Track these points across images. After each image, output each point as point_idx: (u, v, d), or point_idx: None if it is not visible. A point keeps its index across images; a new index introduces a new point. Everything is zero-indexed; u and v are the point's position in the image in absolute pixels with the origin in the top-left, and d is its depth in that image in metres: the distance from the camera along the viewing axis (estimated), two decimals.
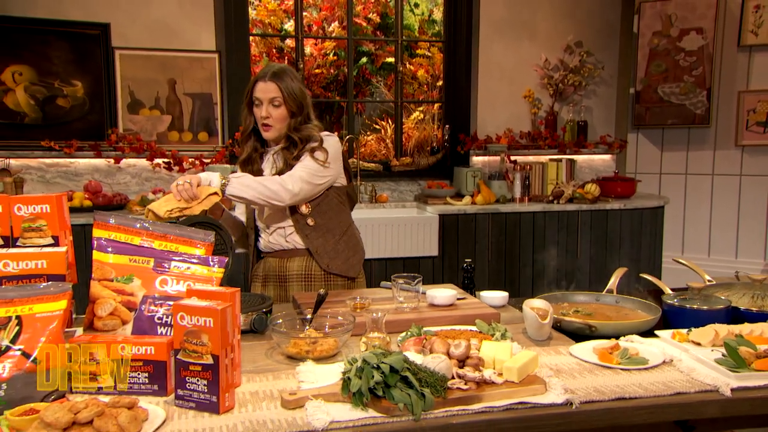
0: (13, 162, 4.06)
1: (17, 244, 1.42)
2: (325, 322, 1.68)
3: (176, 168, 4.28)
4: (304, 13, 5.07)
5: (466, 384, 1.32)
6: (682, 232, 5.21)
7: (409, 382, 1.26)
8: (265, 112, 2.15)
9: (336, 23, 5.69)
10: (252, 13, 5.08)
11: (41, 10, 4.06)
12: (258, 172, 2.23)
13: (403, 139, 5.09)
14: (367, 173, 4.69)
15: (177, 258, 1.43)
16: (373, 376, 1.25)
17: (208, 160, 4.31)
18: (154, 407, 1.22)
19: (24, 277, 1.33)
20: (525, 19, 4.91)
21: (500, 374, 1.36)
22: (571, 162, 4.87)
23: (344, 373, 1.30)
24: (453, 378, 1.34)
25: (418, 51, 5.90)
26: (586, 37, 4.99)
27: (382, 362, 1.27)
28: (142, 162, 4.28)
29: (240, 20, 4.40)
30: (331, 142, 2.20)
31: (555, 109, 4.97)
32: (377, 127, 5.68)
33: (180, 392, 1.25)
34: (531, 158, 4.88)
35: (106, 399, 1.18)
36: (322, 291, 1.79)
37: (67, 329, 1.40)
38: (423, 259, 4.19)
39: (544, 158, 4.89)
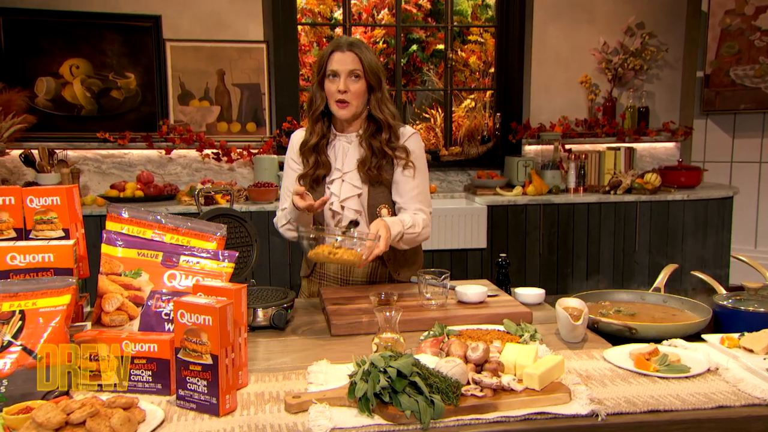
0: (70, 153, 4.18)
1: (30, 236, 1.42)
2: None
3: (225, 159, 4.31)
4: (354, 1, 5.00)
5: (481, 391, 1.23)
6: (756, 224, 4.88)
7: (419, 388, 1.18)
8: (342, 86, 1.95)
9: (386, 10, 5.60)
10: (301, 1, 5.05)
11: (96, 3, 4.15)
12: (325, 164, 2.06)
13: (453, 128, 4.96)
14: None
15: (186, 252, 1.39)
16: (379, 381, 1.18)
17: (256, 151, 4.32)
18: (154, 408, 1.19)
19: (31, 271, 1.31)
20: (582, 0, 4.68)
21: (520, 381, 1.27)
22: (631, 150, 4.62)
23: (351, 376, 1.24)
24: (468, 384, 1.25)
25: (471, 37, 5.74)
26: (649, 17, 4.71)
27: (390, 366, 1.20)
28: (192, 153, 4.34)
29: (288, 9, 4.38)
30: (417, 145, 2.09)
31: (614, 95, 4.72)
32: (427, 116, 5.57)
33: (181, 392, 1.21)
34: (587, 147, 4.66)
35: (107, 397, 1.15)
36: (353, 218, 1.71)
37: (76, 324, 1.39)
38: (471, 251, 4.07)
39: (601, 147, 4.66)
